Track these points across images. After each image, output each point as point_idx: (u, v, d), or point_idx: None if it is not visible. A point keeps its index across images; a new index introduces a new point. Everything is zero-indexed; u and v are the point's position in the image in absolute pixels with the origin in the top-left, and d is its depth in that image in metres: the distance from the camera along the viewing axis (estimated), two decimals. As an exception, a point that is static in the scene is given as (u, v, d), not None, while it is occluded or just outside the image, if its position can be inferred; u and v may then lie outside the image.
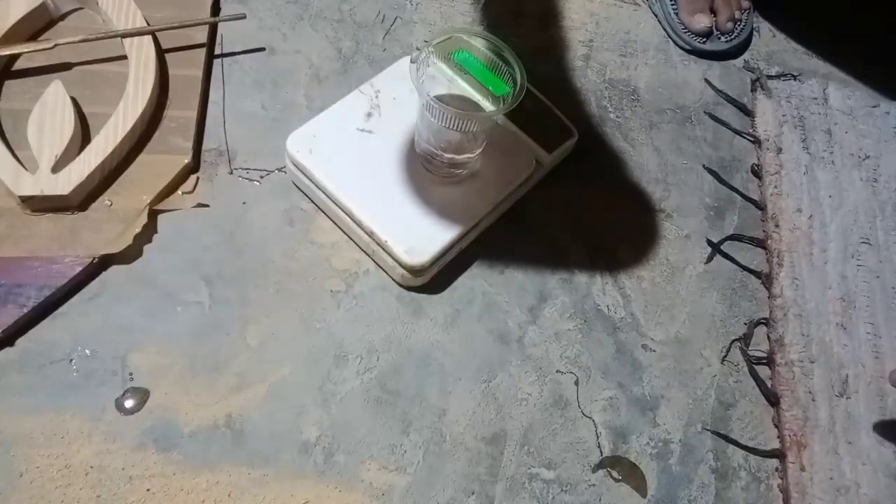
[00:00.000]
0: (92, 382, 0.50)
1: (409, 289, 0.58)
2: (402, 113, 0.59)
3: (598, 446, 0.54)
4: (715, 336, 0.61)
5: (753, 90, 0.75)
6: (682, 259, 0.64)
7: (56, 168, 0.54)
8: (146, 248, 0.56)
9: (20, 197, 0.53)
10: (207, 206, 0.58)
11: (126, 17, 0.62)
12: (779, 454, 0.56)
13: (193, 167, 0.60)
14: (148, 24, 0.62)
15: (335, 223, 0.59)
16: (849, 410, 0.57)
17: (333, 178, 0.56)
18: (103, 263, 0.54)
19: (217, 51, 0.66)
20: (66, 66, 0.61)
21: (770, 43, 0.80)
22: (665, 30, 0.77)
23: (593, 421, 0.55)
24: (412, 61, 0.51)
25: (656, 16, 0.78)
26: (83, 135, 0.58)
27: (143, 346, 0.52)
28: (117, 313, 0.53)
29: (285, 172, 0.61)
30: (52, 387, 0.50)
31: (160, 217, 0.57)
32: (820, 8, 0.82)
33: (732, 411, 0.58)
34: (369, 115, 0.59)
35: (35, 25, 0.62)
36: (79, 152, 0.56)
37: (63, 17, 0.64)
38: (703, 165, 0.69)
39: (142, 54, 0.60)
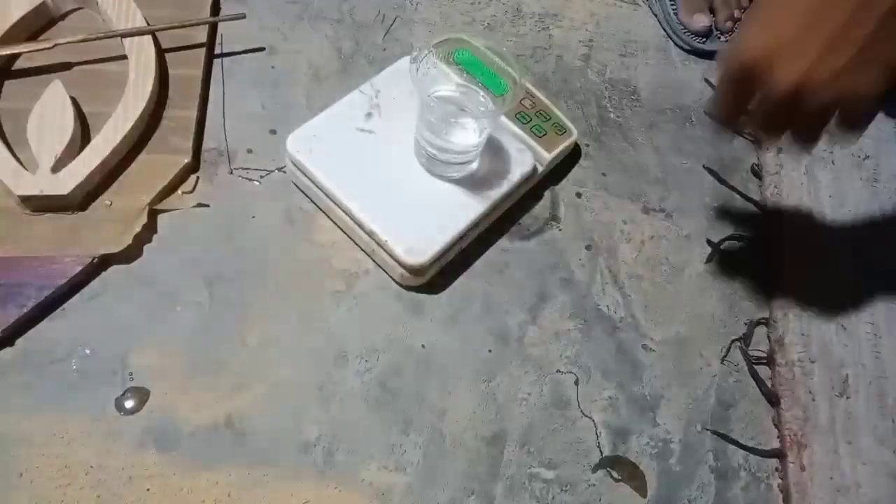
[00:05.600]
0: (92, 382, 0.50)
1: (409, 289, 0.58)
2: (402, 113, 0.59)
3: (598, 446, 0.54)
4: (715, 336, 0.61)
5: (753, 90, 0.75)
6: (682, 259, 0.64)
7: (56, 168, 0.54)
8: (146, 248, 0.56)
9: (20, 197, 0.53)
10: (207, 206, 0.58)
11: (126, 17, 0.62)
12: (779, 454, 0.56)
13: (193, 167, 0.60)
14: (148, 24, 0.62)
15: (335, 223, 0.59)
16: (849, 410, 0.57)
17: (333, 178, 0.56)
18: (103, 263, 0.54)
19: (217, 51, 0.66)
20: (66, 66, 0.61)
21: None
22: (665, 30, 0.77)
23: (593, 421, 0.55)
24: (412, 61, 0.51)
25: (656, 16, 0.78)
26: (83, 135, 0.58)
27: (143, 346, 0.52)
28: (117, 313, 0.53)
29: (285, 172, 0.61)
30: (52, 387, 0.50)
31: (160, 217, 0.57)
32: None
33: (732, 411, 0.58)
34: (369, 115, 0.59)
35: (35, 25, 0.62)
36: (79, 152, 0.55)
37: (63, 16, 0.64)
38: (703, 165, 0.69)
39: (142, 54, 0.60)
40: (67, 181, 0.54)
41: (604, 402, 0.56)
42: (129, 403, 0.50)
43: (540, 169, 0.62)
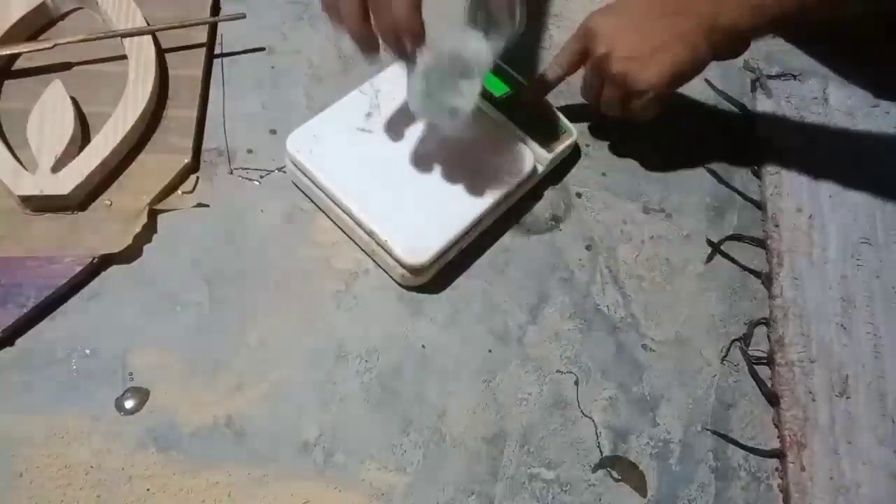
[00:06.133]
0: (92, 382, 0.50)
1: (409, 289, 0.58)
2: (402, 113, 0.59)
3: (598, 446, 0.54)
4: (715, 336, 0.60)
5: (753, 90, 0.75)
6: (682, 259, 0.64)
7: (56, 168, 0.54)
8: (146, 248, 0.56)
9: (20, 197, 0.53)
10: (207, 206, 0.58)
11: (126, 17, 0.62)
12: (779, 454, 0.56)
13: (193, 167, 0.60)
14: (148, 24, 0.62)
15: (335, 223, 0.59)
16: (849, 410, 0.57)
17: (333, 178, 0.56)
18: (103, 263, 0.54)
19: (217, 51, 0.66)
20: (66, 66, 0.61)
21: (770, 43, 0.80)
22: (665, 30, 0.77)
23: (593, 421, 0.55)
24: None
25: (656, 16, 0.78)
26: (83, 135, 0.58)
27: (143, 346, 0.52)
28: (117, 313, 0.53)
29: (285, 172, 0.61)
30: (52, 387, 0.50)
31: (160, 217, 0.57)
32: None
33: (732, 411, 0.58)
34: (369, 115, 0.59)
35: (35, 25, 0.62)
36: (79, 152, 0.56)
37: (63, 16, 0.64)
38: (703, 165, 0.69)
39: (142, 54, 0.60)
40: (67, 181, 0.54)
41: (604, 402, 0.56)
42: (129, 403, 0.50)
43: (540, 169, 0.62)
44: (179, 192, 0.58)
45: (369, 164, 0.57)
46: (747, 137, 0.72)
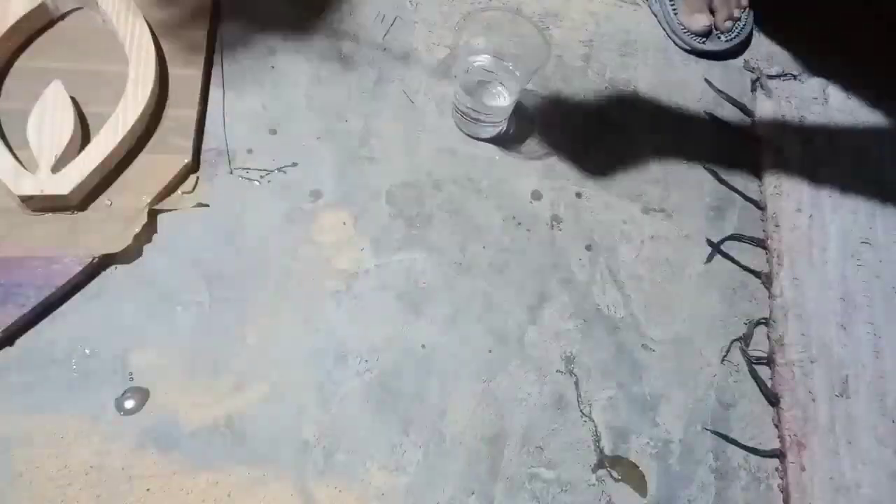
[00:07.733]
0: (92, 382, 0.50)
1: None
2: None
3: (598, 446, 0.54)
4: (715, 336, 0.61)
5: (753, 90, 0.75)
6: (682, 259, 0.64)
7: (56, 168, 0.54)
8: (146, 248, 0.56)
9: (20, 197, 0.53)
10: (207, 206, 0.58)
11: (126, 17, 0.62)
12: (779, 454, 0.56)
13: (193, 167, 0.60)
14: (148, 25, 0.62)
15: None
16: (849, 410, 0.57)
17: None
18: (103, 263, 0.54)
19: (217, 51, 0.66)
20: (66, 67, 0.61)
21: (770, 43, 0.80)
22: (665, 30, 0.77)
23: (593, 421, 0.55)
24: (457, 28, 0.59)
25: (656, 16, 0.78)
26: (83, 135, 0.58)
27: (143, 346, 0.52)
28: (117, 313, 0.53)
29: (285, 172, 0.61)
30: (52, 387, 0.50)
31: (160, 217, 0.57)
32: (818, 10, 0.82)
33: (732, 411, 0.58)
34: None
35: (35, 25, 0.62)
36: (79, 152, 0.56)
37: (63, 16, 0.64)
38: (703, 165, 0.69)
39: (142, 54, 0.60)
40: (67, 181, 0.54)
41: (604, 402, 0.56)
42: (129, 403, 0.50)
43: None
44: (179, 192, 0.58)
45: None
46: (747, 137, 0.72)
